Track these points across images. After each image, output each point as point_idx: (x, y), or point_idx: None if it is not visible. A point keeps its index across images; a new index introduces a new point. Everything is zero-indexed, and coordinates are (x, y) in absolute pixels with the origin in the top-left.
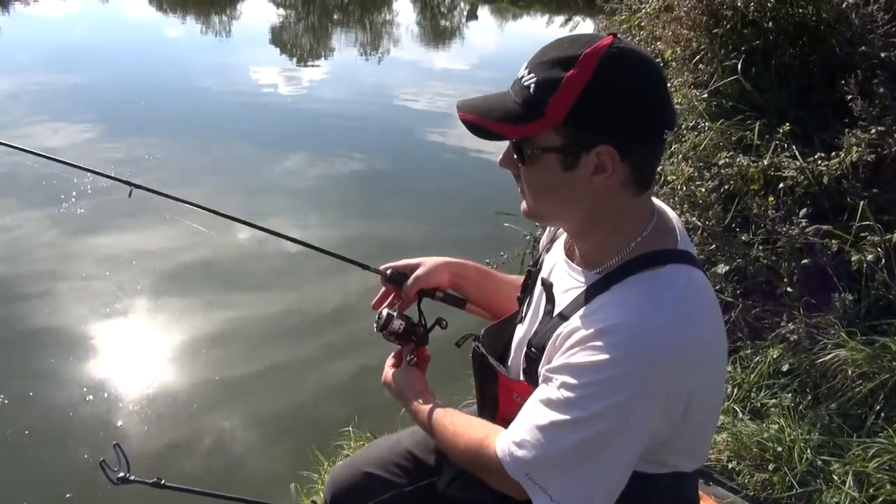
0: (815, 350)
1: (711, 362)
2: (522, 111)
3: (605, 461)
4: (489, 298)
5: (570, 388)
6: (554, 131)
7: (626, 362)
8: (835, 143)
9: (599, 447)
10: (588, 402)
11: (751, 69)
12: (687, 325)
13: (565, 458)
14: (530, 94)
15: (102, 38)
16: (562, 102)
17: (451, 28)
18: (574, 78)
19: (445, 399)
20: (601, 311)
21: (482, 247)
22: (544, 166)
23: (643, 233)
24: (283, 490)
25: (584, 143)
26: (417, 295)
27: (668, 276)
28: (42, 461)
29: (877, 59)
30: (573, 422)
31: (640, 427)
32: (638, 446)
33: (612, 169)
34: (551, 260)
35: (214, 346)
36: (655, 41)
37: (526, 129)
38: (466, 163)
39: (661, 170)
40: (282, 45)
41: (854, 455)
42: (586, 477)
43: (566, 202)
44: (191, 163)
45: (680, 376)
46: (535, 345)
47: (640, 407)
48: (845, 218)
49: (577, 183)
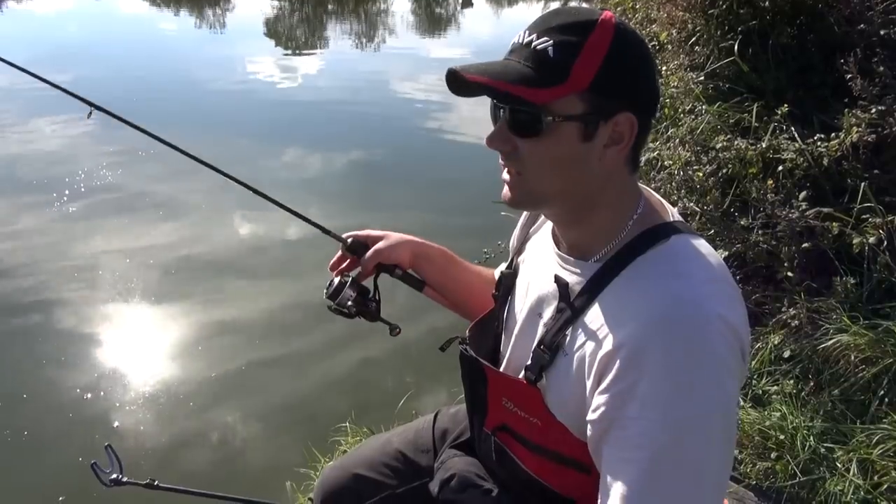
0: (816, 335)
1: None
2: (543, 74)
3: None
4: (451, 285)
5: (669, 420)
6: (577, 97)
7: (695, 351)
8: (834, 124)
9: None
10: (698, 420)
11: (748, 50)
12: (724, 283)
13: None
14: (549, 56)
15: (96, 35)
16: (587, 66)
17: (446, 16)
18: (597, 41)
19: (434, 399)
20: (628, 309)
21: (479, 236)
22: (561, 137)
23: (637, 212)
24: (279, 488)
25: (606, 110)
26: (375, 269)
27: (678, 247)
28: (36, 463)
29: (876, 36)
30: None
31: (736, 388)
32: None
33: (627, 139)
34: (536, 258)
35: (211, 342)
36: (651, 23)
37: (551, 92)
38: (463, 152)
39: (658, 155)
40: (277, 37)
41: (858, 442)
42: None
43: (576, 178)
44: (186, 157)
45: (743, 338)
46: (547, 345)
47: (733, 385)
48: (846, 200)
49: (590, 156)
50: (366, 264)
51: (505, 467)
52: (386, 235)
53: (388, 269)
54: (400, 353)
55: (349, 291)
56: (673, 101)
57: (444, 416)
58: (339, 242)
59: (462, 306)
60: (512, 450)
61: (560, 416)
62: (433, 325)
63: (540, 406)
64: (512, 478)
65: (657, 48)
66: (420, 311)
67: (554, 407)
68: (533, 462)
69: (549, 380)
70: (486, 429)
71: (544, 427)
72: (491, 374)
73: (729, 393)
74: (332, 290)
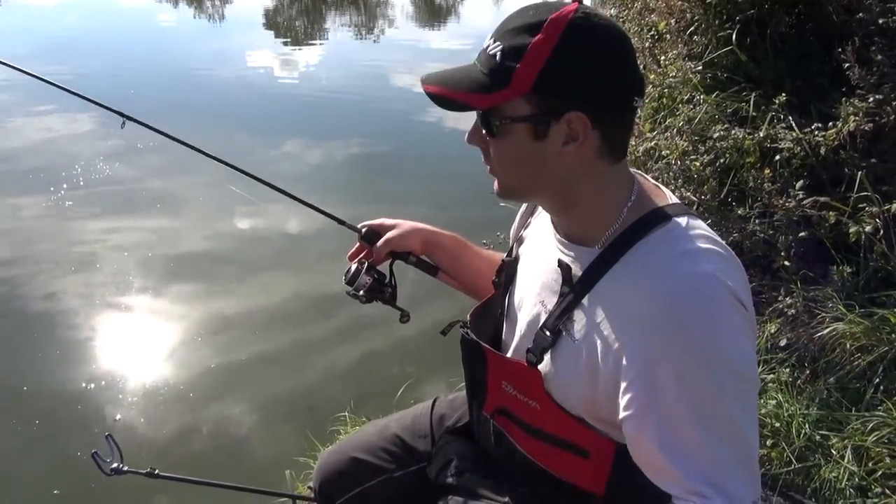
0: (813, 324)
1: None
2: (489, 80)
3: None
4: (462, 270)
5: (696, 386)
6: (523, 99)
7: (712, 324)
8: (832, 113)
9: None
10: (722, 389)
11: (746, 39)
12: (728, 257)
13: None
14: (496, 62)
15: (96, 27)
16: (529, 69)
17: (446, 7)
18: (540, 43)
19: (433, 389)
20: (634, 291)
21: (480, 227)
22: (514, 137)
23: (631, 198)
24: (278, 476)
25: (554, 109)
26: (388, 256)
27: (678, 229)
28: (37, 452)
29: (874, 25)
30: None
31: (753, 350)
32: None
33: (583, 137)
34: (537, 244)
35: (212, 333)
36: (649, 13)
37: (493, 98)
38: (463, 144)
39: (656, 144)
40: (276, 29)
41: (853, 429)
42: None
43: (539, 175)
44: (187, 149)
45: (750, 308)
46: (550, 328)
47: (751, 346)
48: (843, 189)
49: (549, 154)
50: (377, 252)
51: (503, 451)
52: (398, 224)
53: (402, 256)
54: (399, 343)
55: (365, 277)
56: (671, 90)
57: (442, 402)
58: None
59: (474, 291)
60: (510, 433)
61: (559, 398)
62: (433, 316)
63: (539, 388)
64: (509, 461)
65: (656, 38)
66: (421, 301)
67: (554, 389)
68: (530, 445)
69: (551, 362)
70: (485, 412)
71: (543, 410)
72: (491, 356)
73: (750, 355)
74: (350, 276)
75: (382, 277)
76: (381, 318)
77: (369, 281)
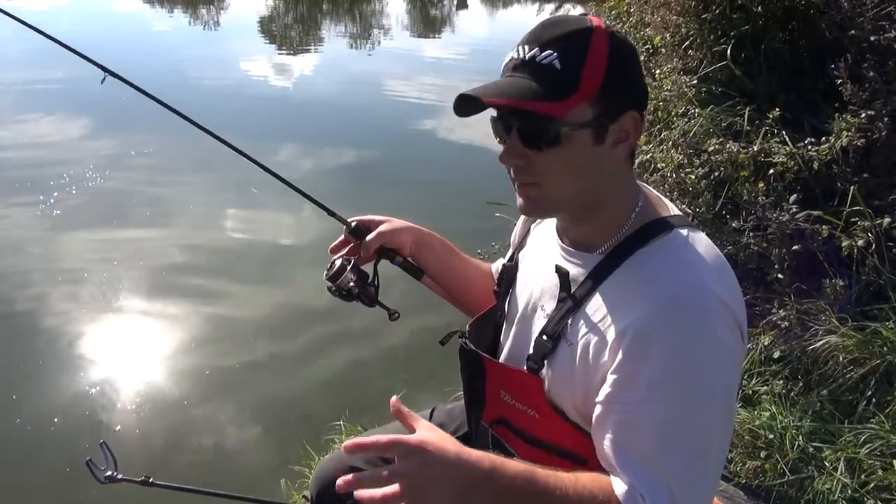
0: (806, 336)
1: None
2: (554, 87)
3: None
4: (451, 275)
5: (672, 391)
6: (588, 104)
7: (700, 335)
8: (825, 128)
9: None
10: (695, 394)
11: (740, 55)
12: (724, 270)
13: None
14: (557, 69)
15: (90, 32)
16: (595, 72)
17: (441, 17)
18: (598, 48)
19: (426, 401)
20: (632, 296)
21: (473, 237)
22: (577, 144)
23: (638, 204)
24: (274, 485)
25: (614, 111)
26: (376, 252)
27: (679, 238)
28: (31, 460)
29: (866, 42)
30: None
31: (737, 369)
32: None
33: (633, 135)
34: (538, 251)
35: (205, 341)
36: (644, 27)
37: (565, 104)
38: (457, 154)
39: (651, 157)
40: (271, 37)
41: (845, 441)
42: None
43: (594, 179)
44: (180, 157)
45: (742, 321)
46: (550, 334)
47: (735, 366)
48: (836, 203)
49: (602, 157)
50: (368, 246)
51: None
52: (389, 220)
53: (389, 255)
54: (394, 351)
55: (350, 274)
56: (666, 104)
57: (440, 412)
58: (342, 227)
59: (459, 296)
60: (509, 443)
61: (560, 404)
62: (427, 324)
63: (539, 396)
64: None
65: (651, 52)
66: (414, 309)
67: (554, 396)
68: (529, 455)
69: (551, 368)
70: (484, 422)
71: (542, 418)
72: (490, 366)
73: (731, 373)
74: (333, 271)
75: (366, 276)
76: (377, 326)
77: (353, 278)
